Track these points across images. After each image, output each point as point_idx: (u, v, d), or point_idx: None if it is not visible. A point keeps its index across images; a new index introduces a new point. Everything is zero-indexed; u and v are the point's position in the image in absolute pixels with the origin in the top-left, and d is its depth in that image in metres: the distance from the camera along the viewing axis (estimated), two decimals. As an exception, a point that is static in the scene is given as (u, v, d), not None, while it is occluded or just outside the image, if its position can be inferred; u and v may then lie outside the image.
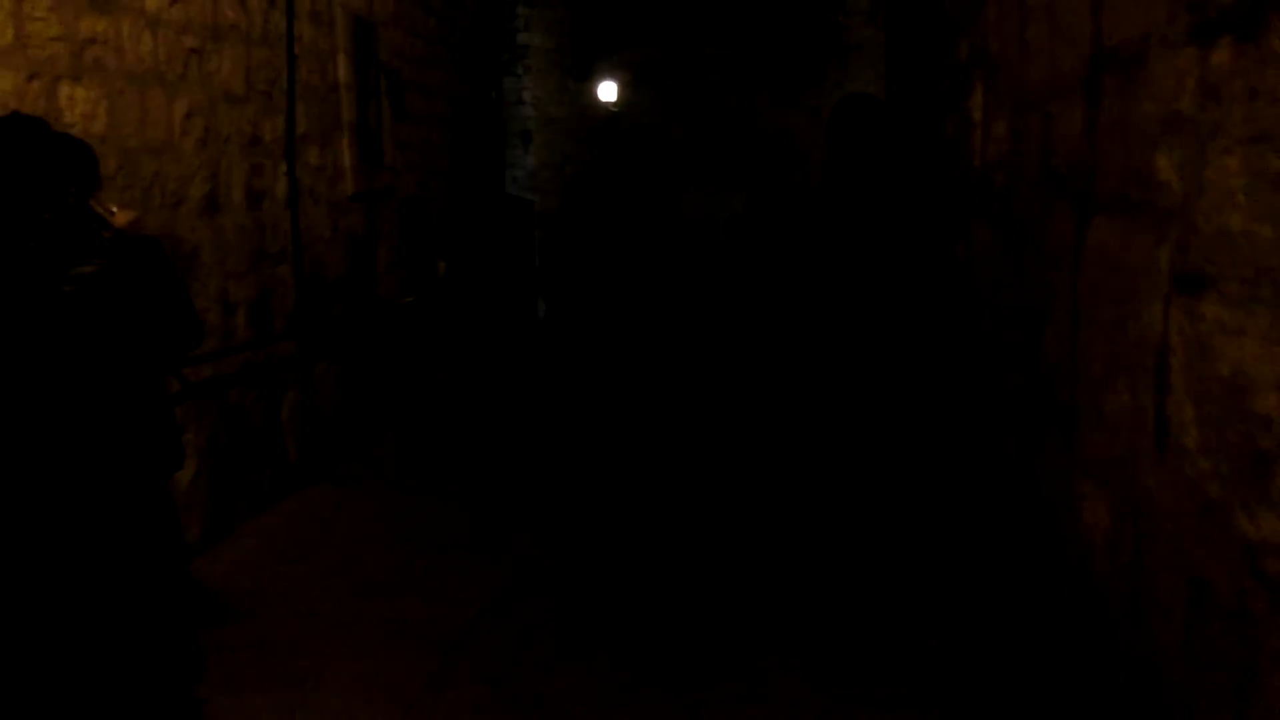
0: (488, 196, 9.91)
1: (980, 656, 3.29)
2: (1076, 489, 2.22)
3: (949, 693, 3.13)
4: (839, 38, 12.52)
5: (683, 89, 13.16)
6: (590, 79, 14.55)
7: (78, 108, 3.65)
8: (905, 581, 3.90)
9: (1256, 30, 1.44)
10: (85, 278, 2.52)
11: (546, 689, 3.31)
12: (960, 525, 3.90)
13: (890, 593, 3.85)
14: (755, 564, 4.35)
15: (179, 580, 3.06)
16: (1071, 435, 2.27)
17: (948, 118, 4.51)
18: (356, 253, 6.33)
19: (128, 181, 3.94)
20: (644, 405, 7.22)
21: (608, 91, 13.25)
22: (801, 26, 12.57)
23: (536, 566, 4.42)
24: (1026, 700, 2.80)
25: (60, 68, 3.56)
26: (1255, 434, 1.44)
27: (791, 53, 12.62)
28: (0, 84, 3.26)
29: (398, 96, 7.09)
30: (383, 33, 6.79)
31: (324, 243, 5.79)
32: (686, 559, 4.50)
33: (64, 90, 3.58)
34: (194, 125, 4.41)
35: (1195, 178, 1.64)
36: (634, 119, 13.77)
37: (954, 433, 4.17)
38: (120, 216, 2.68)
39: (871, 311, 4.57)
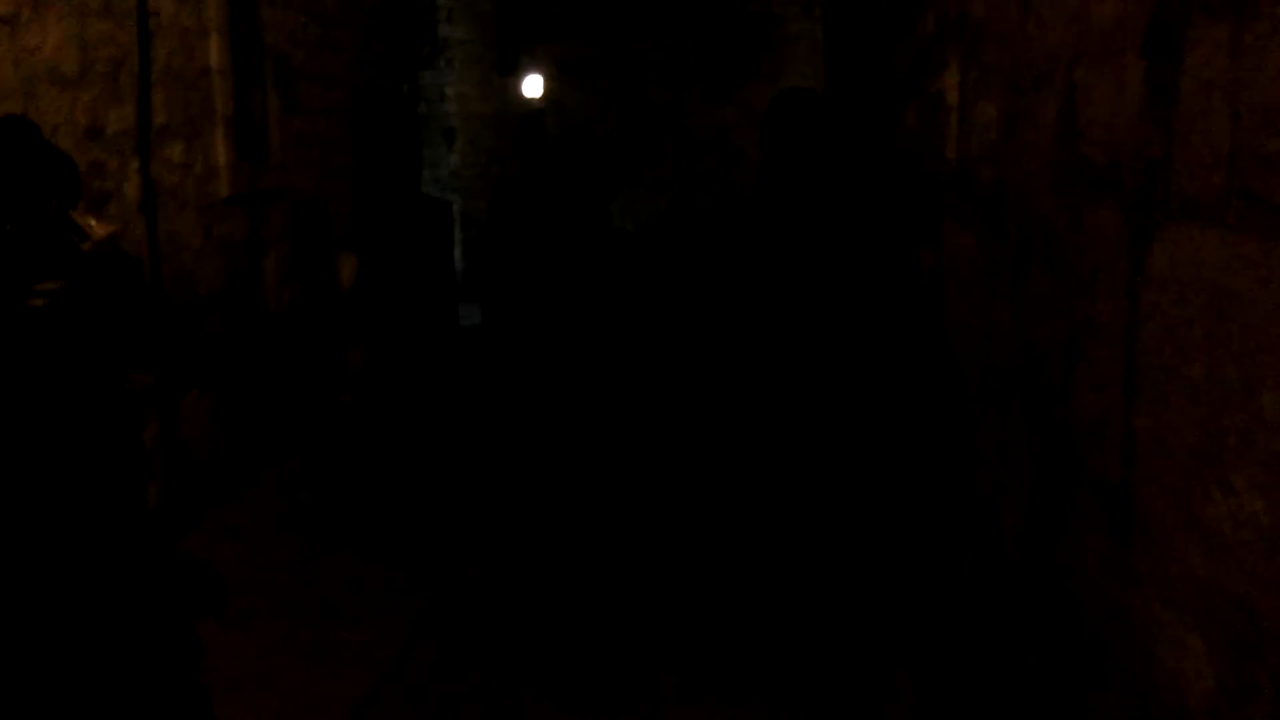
0: (402, 198, 9.11)
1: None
2: (1141, 614, 1.56)
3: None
4: (774, 30, 11.91)
5: (612, 84, 12.45)
6: (517, 74, 13.76)
7: None
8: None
9: None
10: (55, 292, 2.44)
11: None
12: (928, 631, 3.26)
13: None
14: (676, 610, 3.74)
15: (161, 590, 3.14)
16: (1126, 533, 1.61)
17: (908, 105, 3.87)
18: (237, 262, 5.52)
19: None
20: (573, 424, 6.56)
21: (533, 86, 12.49)
22: (735, 19, 11.94)
23: (453, 632, 3.73)
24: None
25: None
26: None
27: (725, 46, 11.98)
28: None
29: (288, 86, 6.28)
30: (268, 12, 5.97)
31: (192, 252, 4.97)
32: (618, 609, 3.86)
33: None
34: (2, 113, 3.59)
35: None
36: (561, 115, 13.02)
37: (915, 492, 3.53)
38: (99, 229, 2.61)
39: (811, 328, 4.18)
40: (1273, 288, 1.16)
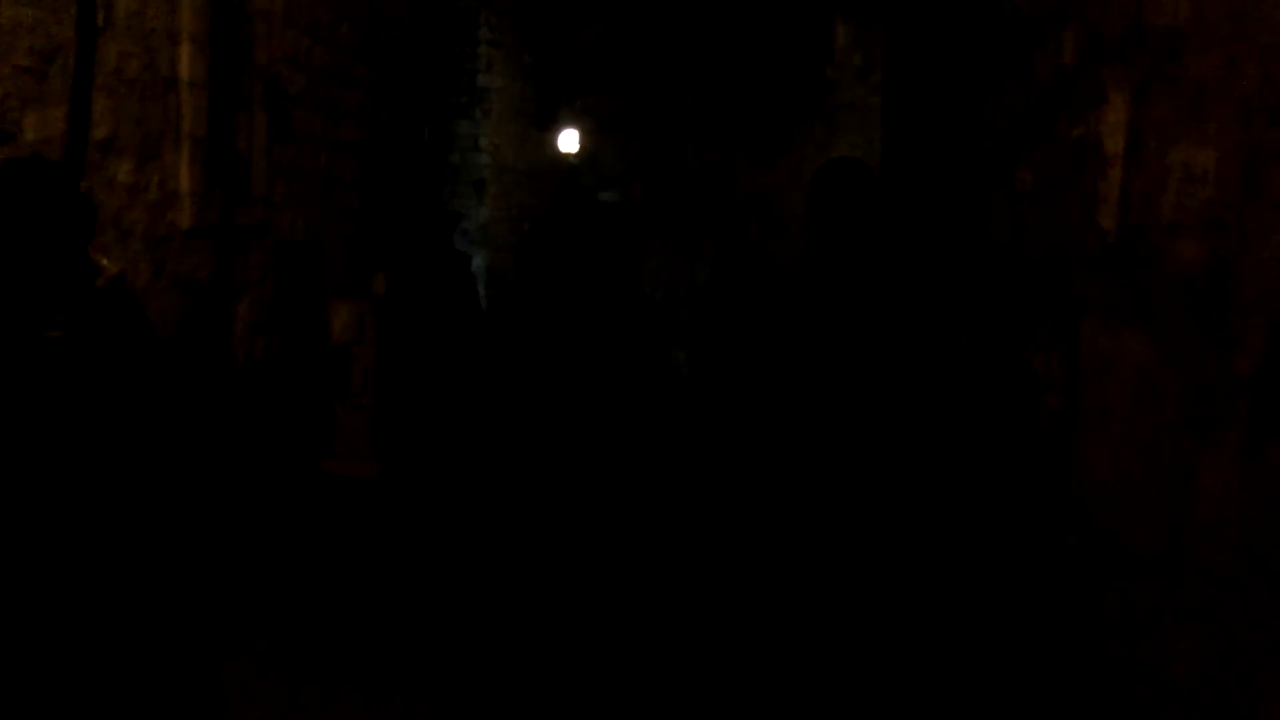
0: (416, 246, 8.32)
1: None
2: None
3: None
4: (826, 95, 11.13)
5: (651, 143, 11.71)
6: (554, 127, 13.09)
7: None
8: None
9: None
10: (70, 325, 2.52)
11: None
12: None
13: None
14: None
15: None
16: None
17: (1019, 163, 2.97)
18: (196, 305, 4.68)
19: None
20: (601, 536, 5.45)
21: (569, 141, 11.77)
22: (785, 81, 11.19)
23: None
24: None
25: None
26: None
27: (773, 109, 11.21)
28: None
29: (282, 112, 5.50)
30: (263, 27, 5.21)
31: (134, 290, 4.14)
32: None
33: None
34: None
35: None
36: (597, 173, 12.29)
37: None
38: (111, 268, 2.71)
39: (861, 443, 3.17)
40: None
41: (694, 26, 11.38)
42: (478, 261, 13.65)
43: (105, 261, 2.71)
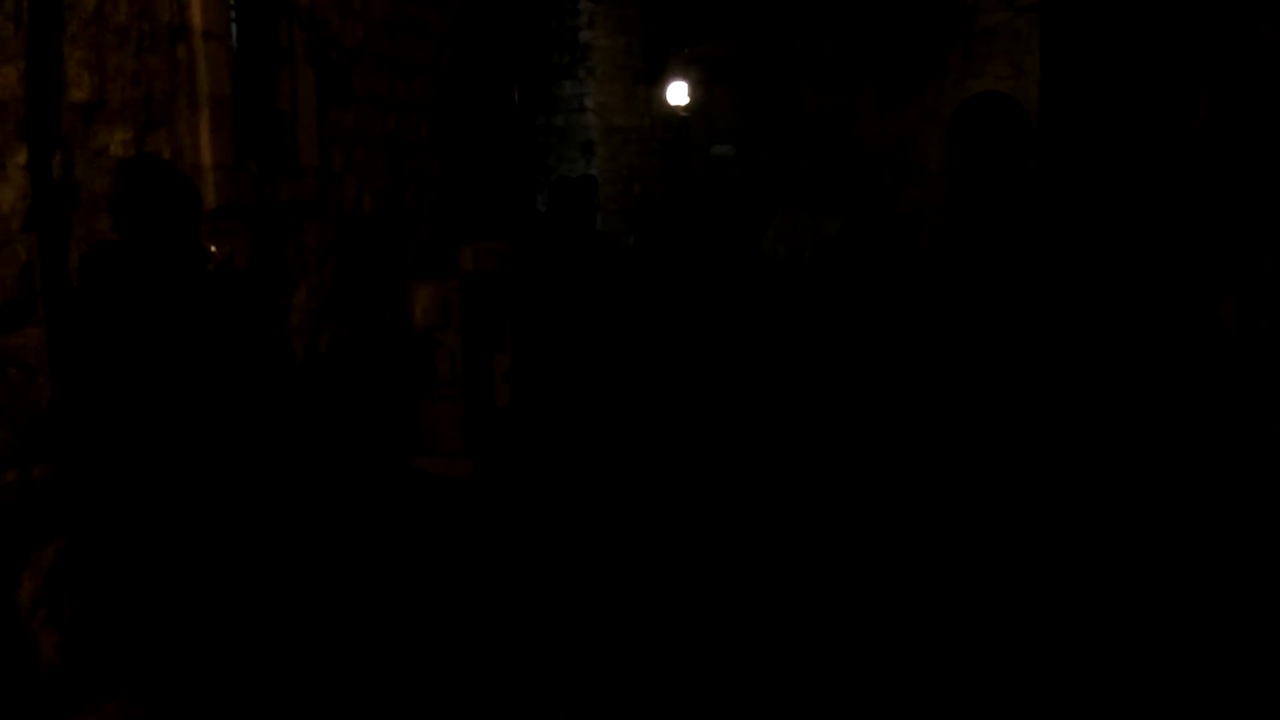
0: (513, 214, 7.51)
1: None
2: None
3: None
4: (964, 23, 9.78)
5: (767, 89, 10.58)
6: (662, 82, 12.10)
7: None
8: None
9: None
10: (200, 299, 2.86)
11: None
12: None
13: None
14: None
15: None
16: None
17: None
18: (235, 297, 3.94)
19: None
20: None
21: (678, 94, 10.75)
22: (916, 9, 9.89)
23: None
24: None
25: None
26: None
27: (903, 42, 9.94)
28: None
29: (334, 68, 4.71)
30: (303, -33, 4.41)
31: (144, 286, 3.41)
32: None
33: None
34: None
35: None
36: (709, 125, 11.24)
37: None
38: (217, 253, 3.20)
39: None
40: None
41: (810, -44, 10.18)
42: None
43: (213, 248, 3.10)
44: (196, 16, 3.61)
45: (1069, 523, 3.80)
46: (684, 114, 10.86)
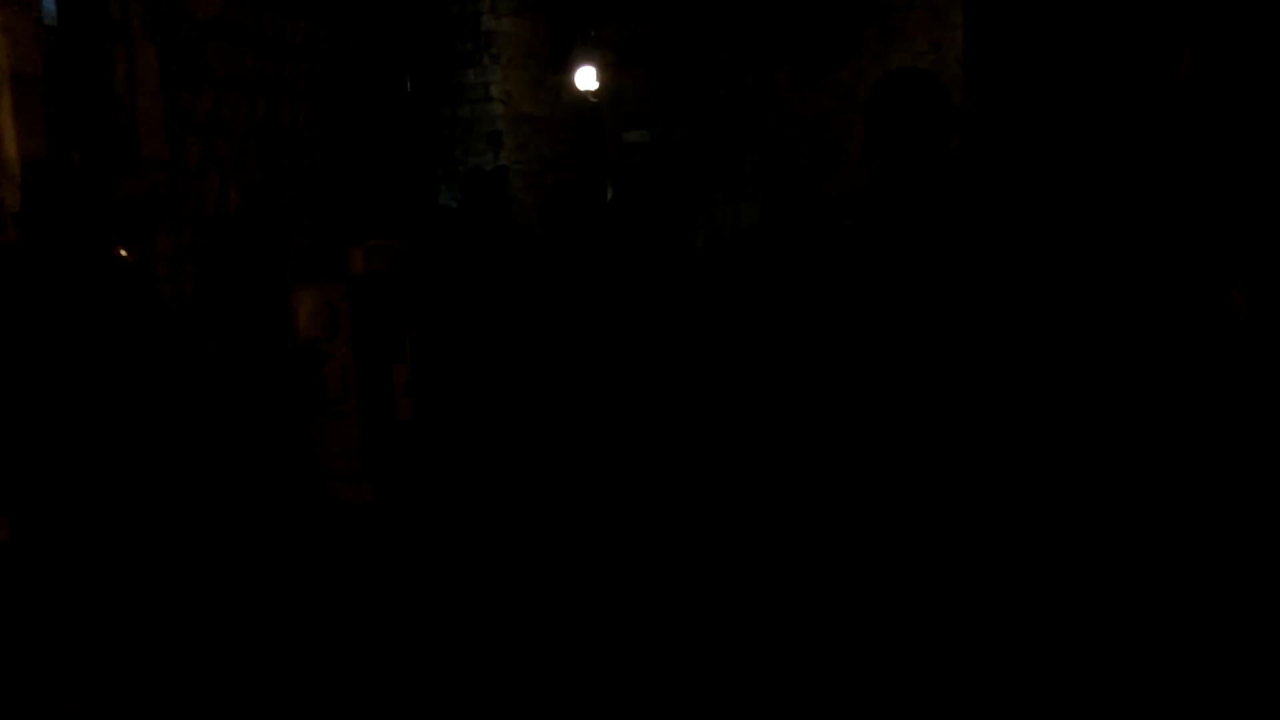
0: (409, 212, 6.86)
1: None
2: None
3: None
4: (880, -3, 9.41)
5: (681, 70, 10.07)
6: (569, 66, 11.52)
7: None
8: None
9: None
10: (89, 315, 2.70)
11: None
12: None
13: None
14: None
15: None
16: None
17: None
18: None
19: None
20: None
21: (586, 78, 10.17)
22: (830, -17, 9.48)
23: None
24: None
25: None
26: None
27: (819, 19, 9.51)
28: None
29: (184, 43, 4.03)
30: (135, -75, 3.73)
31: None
32: None
33: None
34: None
35: None
36: (620, 109, 10.68)
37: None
38: (128, 256, 2.99)
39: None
40: None
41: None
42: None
43: (124, 251, 2.97)
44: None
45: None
46: (594, 100, 10.29)
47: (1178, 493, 2.83)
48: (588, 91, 10.21)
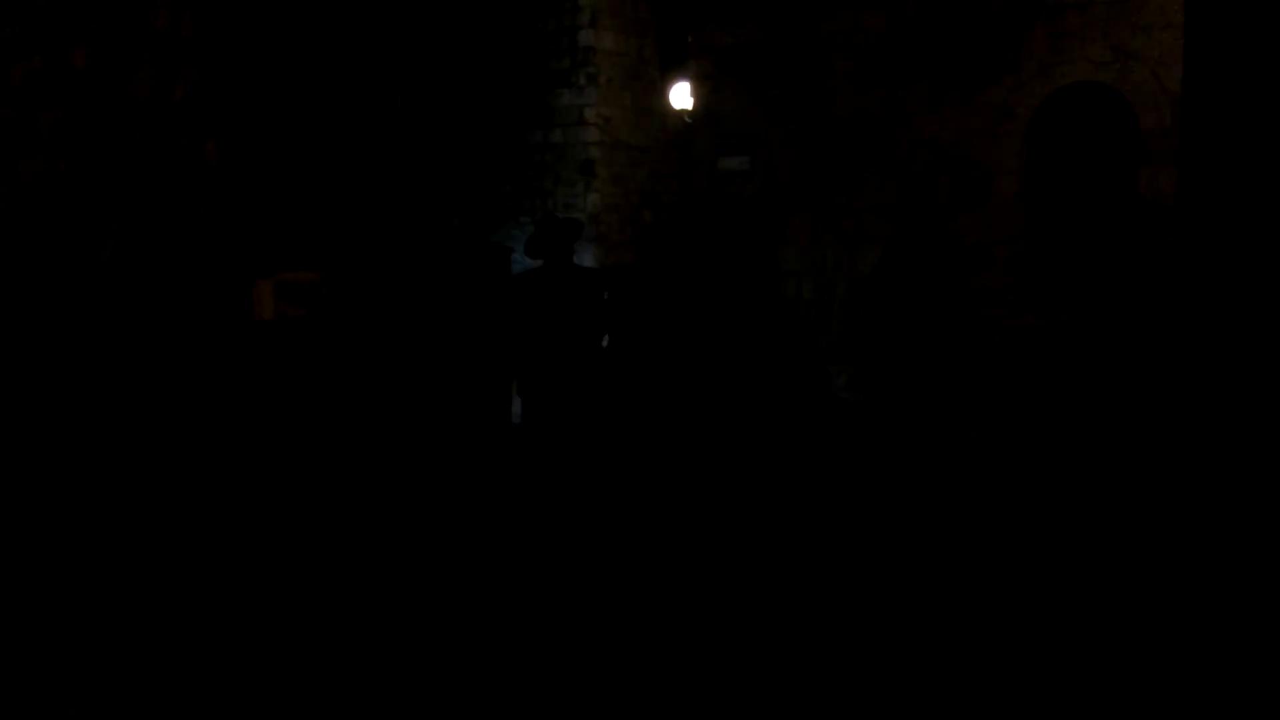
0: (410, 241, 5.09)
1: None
2: None
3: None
4: (1047, -8, 7.21)
5: (789, 84, 8.08)
6: (674, 84, 9.73)
7: None
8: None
9: None
10: None
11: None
12: None
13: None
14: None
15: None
16: None
17: None
18: None
19: None
20: None
21: (680, 96, 8.28)
22: (984, -24, 7.34)
23: None
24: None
25: None
26: None
27: (968, 20, 7.38)
28: None
29: None
30: None
31: None
32: None
33: None
34: None
35: None
36: (718, 131, 8.78)
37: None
38: None
39: None
40: None
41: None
42: (585, 262, 10.32)
43: None
44: None
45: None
46: (688, 119, 8.41)
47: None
48: (682, 110, 8.33)
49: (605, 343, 5.43)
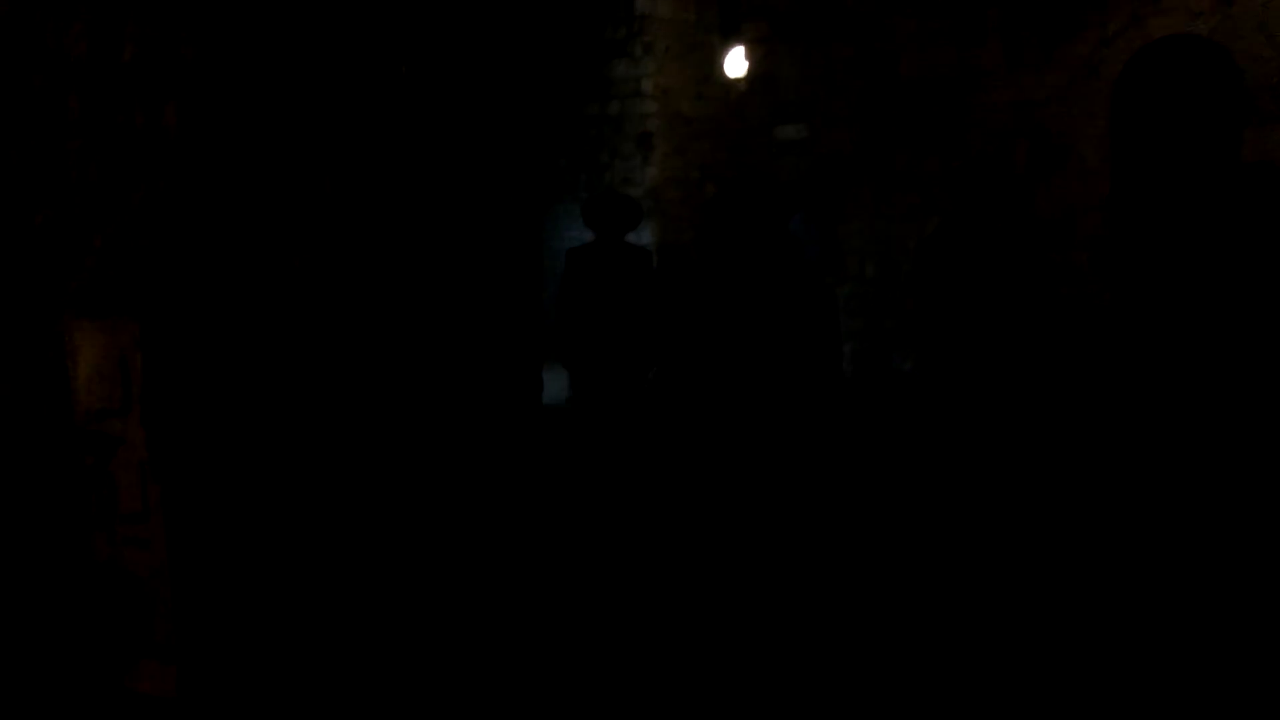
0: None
1: None
2: None
3: None
4: (1139, -66, 6.45)
5: (851, 45, 7.45)
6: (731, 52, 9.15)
7: None
8: None
9: None
10: None
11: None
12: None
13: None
14: None
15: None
16: None
17: None
18: None
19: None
20: None
21: (735, 63, 7.73)
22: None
23: None
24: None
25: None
26: None
27: (1046, -31, 6.65)
28: None
29: None
30: None
31: None
32: None
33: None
34: None
35: None
36: (773, 97, 8.19)
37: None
38: None
39: None
40: None
41: None
42: (645, 238, 9.85)
43: None
44: None
45: None
46: (742, 87, 7.85)
47: None
48: (736, 78, 7.78)
49: (649, 327, 5.13)
